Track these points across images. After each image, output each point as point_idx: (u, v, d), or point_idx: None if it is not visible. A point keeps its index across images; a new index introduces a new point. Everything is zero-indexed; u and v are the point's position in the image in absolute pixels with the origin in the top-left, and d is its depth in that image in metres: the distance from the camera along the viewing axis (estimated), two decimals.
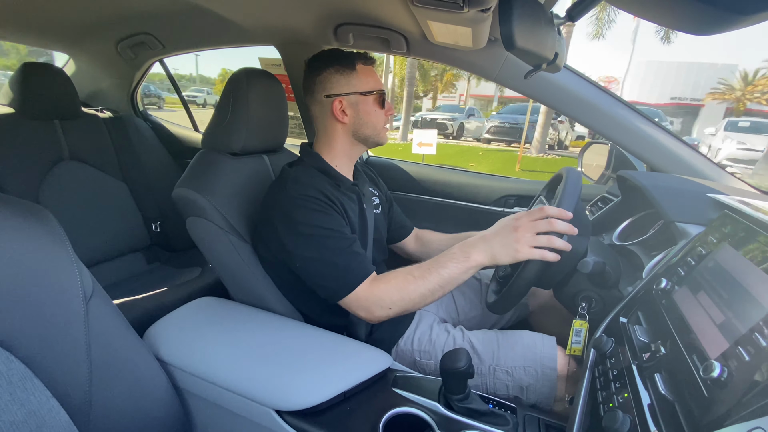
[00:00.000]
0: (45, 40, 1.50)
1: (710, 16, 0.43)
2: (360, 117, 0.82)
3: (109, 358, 0.52)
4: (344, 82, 0.81)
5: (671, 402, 0.42)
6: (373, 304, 0.71)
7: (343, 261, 0.72)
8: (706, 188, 0.78)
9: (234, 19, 1.09)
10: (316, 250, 0.72)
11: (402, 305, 0.72)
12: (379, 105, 0.83)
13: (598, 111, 1.00)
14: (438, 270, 0.70)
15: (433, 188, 1.48)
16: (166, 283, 1.35)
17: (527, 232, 0.66)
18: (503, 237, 0.68)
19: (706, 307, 0.47)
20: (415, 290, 0.70)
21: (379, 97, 0.83)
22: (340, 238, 0.73)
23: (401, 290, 0.71)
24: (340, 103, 0.81)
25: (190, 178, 0.85)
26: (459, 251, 0.70)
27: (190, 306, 0.82)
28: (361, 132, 0.84)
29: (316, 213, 0.73)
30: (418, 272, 0.71)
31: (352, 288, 0.71)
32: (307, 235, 0.72)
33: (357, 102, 0.82)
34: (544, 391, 0.76)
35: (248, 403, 0.61)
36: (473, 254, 0.69)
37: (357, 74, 0.82)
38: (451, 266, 0.69)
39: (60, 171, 1.32)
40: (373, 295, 0.71)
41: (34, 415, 0.41)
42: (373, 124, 0.84)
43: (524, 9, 0.57)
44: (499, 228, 0.71)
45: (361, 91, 0.81)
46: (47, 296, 0.45)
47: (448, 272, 0.69)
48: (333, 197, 0.77)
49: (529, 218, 0.68)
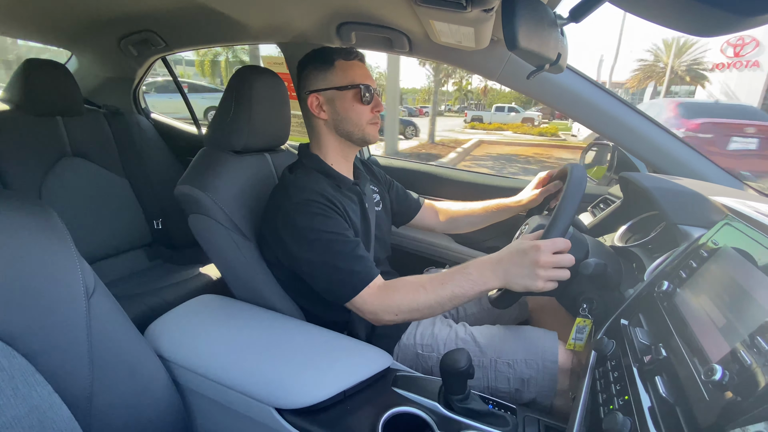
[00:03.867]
0: (48, 37, 1.50)
1: (714, 18, 0.42)
2: (338, 112, 0.82)
3: (110, 355, 0.52)
4: (321, 78, 0.81)
5: (672, 405, 0.41)
6: (380, 309, 0.72)
7: (347, 265, 0.72)
8: (708, 190, 0.78)
9: (237, 17, 1.09)
10: (320, 254, 0.72)
11: (409, 314, 0.72)
12: (358, 100, 0.81)
13: (600, 112, 1.00)
14: (451, 287, 0.70)
15: (435, 188, 1.48)
16: (167, 280, 1.35)
17: (548, 268, 0.66)
18: (522, 268, 0.67)
19: (708, 310, 0.47)
20: (425, 302, 0.71)
21: (357, 92, 0.81)
22: (344, 241, 0.74)
23: (411, 301, 0.71)
24: (316, 99, 0.81)
25: (193, 175, 0.85)
26: (475, 272, 0.70)
27: (191, 303, 0.83)
28: (342, 128, 0.83)
29: (318, 217, 0.73)
30: (431, 286, 0.71)
31: (358, 291, 0.72)
32: (311, 240, 0.72)
33: (333, 97, 0.81)
34: (545, 384, 0.76)
35: (248, 400, 0.61)
36: (490, 279, 0.69)
37: (335, 70, 0.81)
38: (465, 286, 0.70)
39: (62, 167, 1.33)
40: (382, 301, 0.72)
41: (36, 410, 0.41)
42: (353, 120, 0.82)
43: (527, 9, 0.57)
44: (517, 256, 0.68)
45: (337, 86, 0.81)
46: (49, 292, 0.45)
47: (461, 291, 0.69)
48: (335, 200, 0.77)
49: (549, 255, 0.66)
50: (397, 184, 1.09)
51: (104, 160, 1.45)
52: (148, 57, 1.60)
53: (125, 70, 1.66)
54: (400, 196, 1.09)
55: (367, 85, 0.82)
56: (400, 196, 1.09)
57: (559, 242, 0.67)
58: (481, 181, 1.45)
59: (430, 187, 1.49)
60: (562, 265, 0.66)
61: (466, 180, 1.46)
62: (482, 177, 1.47)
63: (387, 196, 1.04)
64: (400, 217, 1.10)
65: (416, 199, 1.11)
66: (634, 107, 1.01)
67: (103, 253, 1.40)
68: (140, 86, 1.77)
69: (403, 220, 1.11)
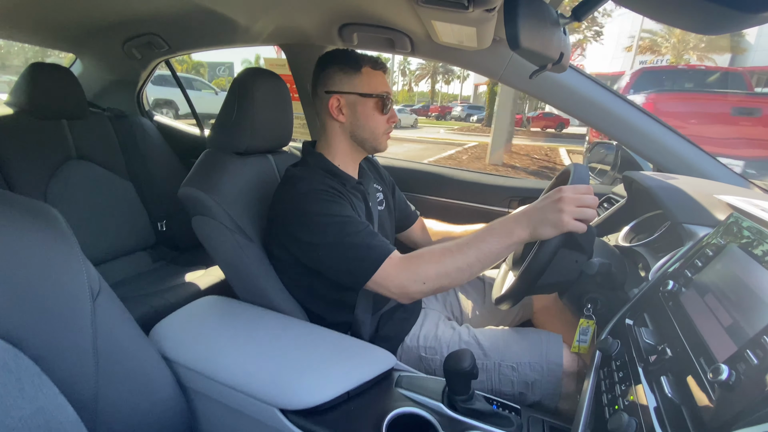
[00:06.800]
0: (52, 41, 1.51)
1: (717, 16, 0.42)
2: (357, 118, 0.82)
3: (115, 356, 0.52)
4: (346, 81, 0.82)
5: (678, 405, 0.41)
6: (406, 279, 0.69)
7: (363, 241, 0.71)
8: (713, 189, 0.77)
9: (239, 19, 1.09)
10: (335, 236, 0.71)
11: (438, 280, 0.68)
12: (379, 110, 0.82)
13: (603, 111, 0.99)
14: (477, 244, 0.67)
15: (437, 188, 1.48)
16: (171, 281, 1.36)
17: (572, 204, 0.64)
18: (546, 209, 0.65)
19: (714, 310, 0.47)
20: (452, 263, 0.67)
21: (379, 101, 0.82)
22: (357, 222, 0.73)
23: (437, 263, 0.68)
24: (337, 100, 0.81)
25: (196, 177, 0.86)
26: (500, 226, 0.68)
27: (195, 304, 0.83)
28: (358, 134, 0.84)
29: (328, 203, 0.74)
30: (456, 246, 0.68)
31: (379, 264, 0.69)
32: (324, 224, 0.72)
33: (355, 102, 0.82)
34: (549, 388, 0.76)
35: (252, 401, 0.61)
36: (516, 230, 0.66)
37: (361, 76, 0.81)
38: (492, 241, 0.67)
39: (67, 170, 1.34)
40: (407, 272, 0.69)
41: (43, 411, 0.41)
42: (371, 128, 0.83)
43: (529, 9, 0.57)
44: (539, 203, 0.68)
45: (361, 93, 0.81)
46: (55, 294, 0.46)
47: (488, 247, 0.67)
48: (341, 191, 0.78)
49: (573, 191, 0.65)
50: (399, 194, 1.08)
51: (108, 162, 1.46)
52: (151, 60, 1.61)
53: (129, 73, 1.67)
54: (400, 203, 1.08)
55: (389, 95, 0.83)
56: (401, 203, 1.08)
57: (581, 186, 0.66)
58: (482, 181, 1.44)
59: (431, 186, 1.49)
60: (587, 203, 0.64)
61: (466, 179, 1.46)
62: (483, 177, 1.47)
63: (390, 197, 1.04)
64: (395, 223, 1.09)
65: (414, 211, 1.11)
66: (637, 106, 1.01)
67: (108, 255, 1.41)
68: (144, 89, 1.78)
69: (396, 229, 1.09)
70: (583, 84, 0.99)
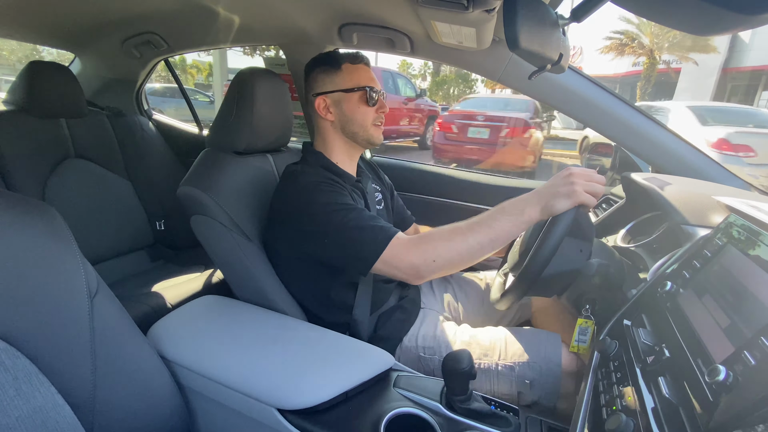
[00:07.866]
0: (51, 39, 1.51)
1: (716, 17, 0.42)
2: (344, 114, 0.84)
3: (113, 355, 0.52)
4: (328, 81, 0.84)
5: (675, 406, 0.41)
6: (416, 257, 0.68)
7: (369, 223, 0.71)
8: (711, 190, 0.77)
9: (239, 18, 1.09)
10: (340, 221, 0.71)
11: (448, 258, 0.68)
12: (365, 102, 0.83)
13: (602, 112, 1.00)
14: (488, 223, 0.67)
15: (436, 188, 1.48)
16: (169, 281, 1.35)
17: (582, 178, 0.65)
18: (558, 184, 0.65)
19: (712, 311, 0.47)
20: (462, 241, 0.67)
21: (363, 94, 0.83)
22: (360, 209, 0.74)
23: (447, 241, 0.68)
24: (323, 101, 0.84)
25: (195, 176, 0.86)
26: (510, 206, 0.68)
27: (193, 304, 0.83)
28: (348, 128, 0.85)
29: (331, 193, 0.75)
30: (466, 226, 0.68)
31: (386, 242, 0.69)
32: (329, 212, 0.72)
33: (340, 99, 0.83)
34: (547, 387, 0.76)
35: (251, 401, 0.61)
36: (527, 209, 0.66)
37: (341, 73, 0.83)
38: (503, 220, 0.66)
39: (66, 169, 1.33)
40: (416, 247, 0.68)
41: (40, 411, 0.41)
42: (358, 120, 0.84)
43: (529, 9, 0.57)
44: (549, 181, 0.68)
45: (344, 89, 0.83)
46: (53, 293, 0.46)
47: (499, 226, 0.66)
48: (342, 184, 0.79)
49: (582, 170, 0.66)
50: (397, 198, 1.09)
51: (107, 161, 1.46)
52: (150, 59, 1.61)
53: (128, 72, 1.66)
54: (398, 206, 1.09)
55: (373, 87, 0.84)
56: (398, 206, 1.09)
57: (588, 170, 0.67)
58: (482, 181, 1.45)
59: (430, 186, 1.49)
60: (596, 179, 0.65)
61: (465, 179, 1.46)
62: (483, 177, 1.47)
63: (389, 199, 1.04)
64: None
65: (410, 216, 1.12)
66: (636, 107, 1.01)
67: (106, 254, 1.40)
68: (143, 88, 1.78)
69: None
70: (582, 85, 0.99)
